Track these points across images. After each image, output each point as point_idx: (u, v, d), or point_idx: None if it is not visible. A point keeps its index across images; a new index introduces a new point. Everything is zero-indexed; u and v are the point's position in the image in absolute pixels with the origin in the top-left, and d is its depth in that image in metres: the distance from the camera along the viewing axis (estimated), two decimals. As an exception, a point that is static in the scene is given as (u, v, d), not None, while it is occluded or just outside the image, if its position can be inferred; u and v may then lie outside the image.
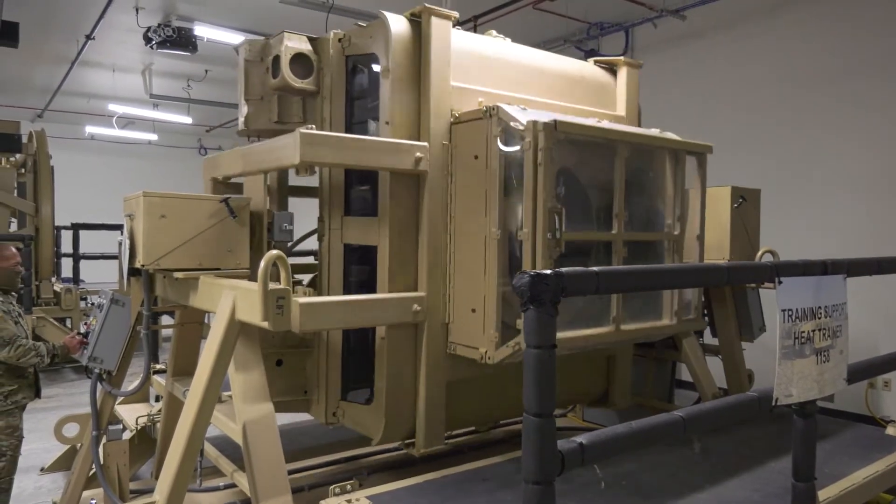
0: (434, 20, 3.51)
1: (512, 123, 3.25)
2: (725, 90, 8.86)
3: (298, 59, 3.78)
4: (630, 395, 4.71)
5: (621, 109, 4.48)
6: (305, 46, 3.82)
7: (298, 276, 4.34)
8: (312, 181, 3.94)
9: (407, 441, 3.73)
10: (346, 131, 3.76)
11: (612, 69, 4.55)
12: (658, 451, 3.70)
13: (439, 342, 3.60)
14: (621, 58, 4.54)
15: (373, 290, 3.61)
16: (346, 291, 3.82)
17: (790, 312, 2.50)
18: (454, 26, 3.66)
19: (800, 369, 2.54)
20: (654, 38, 9.77)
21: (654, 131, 4.08)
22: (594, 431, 2.13)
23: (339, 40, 3.80)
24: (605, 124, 3.77)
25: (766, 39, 8.44)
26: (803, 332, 2.54)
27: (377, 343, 3.60)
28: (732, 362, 5.09)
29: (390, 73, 3.46)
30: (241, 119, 3.99)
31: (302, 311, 2.97)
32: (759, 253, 4.87)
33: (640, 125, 4.53)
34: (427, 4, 3.51)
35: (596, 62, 4.53)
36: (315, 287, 4.06)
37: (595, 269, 2.06)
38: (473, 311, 3.46)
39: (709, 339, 5.45)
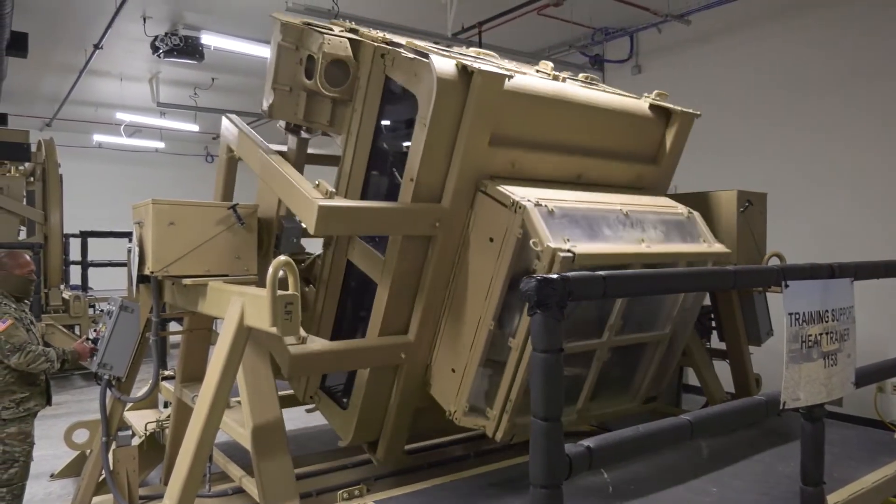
0: (486, 83, 3.23)
1: (532, 241, 3.09)
2: (730, 94, 8.86)
3: (335, 63, 3.59)
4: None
5: (661, 159, 4.26)
6: (344, 53, 3.59)
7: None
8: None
9: (370, 444, 3.91)
10: (372, 148, 3.69)
11: (666, 112, 4.26)
12: (666, 455, 3.70)
13: (417, 380, 3.69)
14: (679, 108, 4.25)
15: (367, 309, 3.67)
16: (341, 305, 3.91)
17: (797, 316, 2.51)
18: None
19: (807, 373, 2.54)
20: (659, 42, 9.79)
21: (683, 210, 3.95)
22: (601, 435, 2.13)
23: (382, 56, 3.55)
24: (630, 244, 3.50)
25: (771, 43, 8.44)
26: (811, 335, 2.54)
27: (358, 371, 3.71)
28: (740, 367, 5.08)
29: (427, 128, 3.23)
30: (266, 104, 3.78)
31: (291, 362, 3.13)
32: (766, 257, 4.87)
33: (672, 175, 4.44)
34: (483, 68, 3.23)
35: (652, 105, 4.22)
36: (310, 281, 4.12)
37: (602, 273, 2.07)
38: (453, 370, 3.51)
39: (716, 343, 5.45)
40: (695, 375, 5.16)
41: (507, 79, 3.32)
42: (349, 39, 3.64)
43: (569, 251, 3.03)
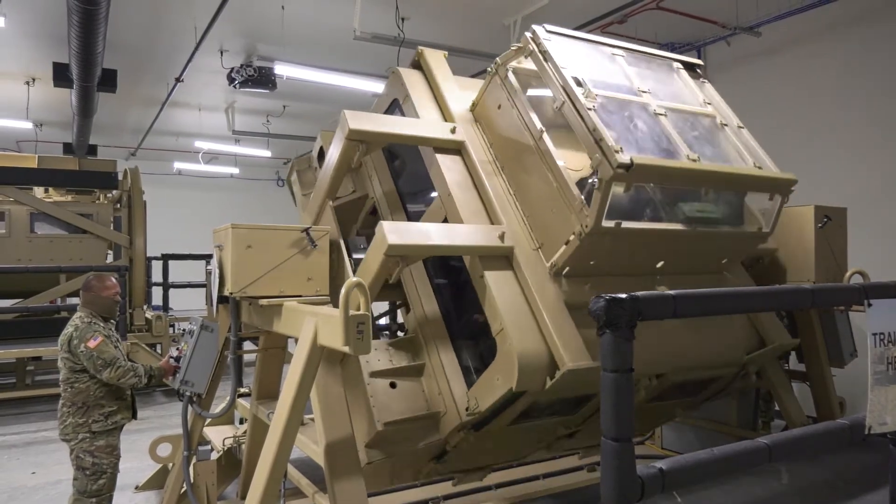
0: (429, 53, 4.32)
1: (515, 61, 3.70)
2: (800, 106, 8.55)
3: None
4: None
5: None
6: None
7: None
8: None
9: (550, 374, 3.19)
10: (396, 187, 4.23)
11: None
12: (744, 484, 3.56)
13: (538, 265, 3.41)
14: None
15: (466, 297, 3.62)
16: (439, 301, 3.79)
17: (882, 336, 2.40)
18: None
19: (895, 396, 2.42)
20: (727, 55, 9.58)
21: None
22: (675, 457, 2.10)
23: None
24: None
25: (845, 54, 8.11)
26: (897, 356, 2.43)
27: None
28: (822, 389, 4.85)
29: (412, 98, 4.04)
30: (301, 215, 4.59)
31: (388, 232, 3.21)
32: (848, 274, 4.66)
33: None
34: (421, 48, 4.33)
35: None
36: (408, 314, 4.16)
37: (671, 292, 2.05)
38: (553, 211, 3.41)
39: (794, 364, 5.23)
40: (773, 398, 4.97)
41: (444, 54, 4.30)
42: None
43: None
